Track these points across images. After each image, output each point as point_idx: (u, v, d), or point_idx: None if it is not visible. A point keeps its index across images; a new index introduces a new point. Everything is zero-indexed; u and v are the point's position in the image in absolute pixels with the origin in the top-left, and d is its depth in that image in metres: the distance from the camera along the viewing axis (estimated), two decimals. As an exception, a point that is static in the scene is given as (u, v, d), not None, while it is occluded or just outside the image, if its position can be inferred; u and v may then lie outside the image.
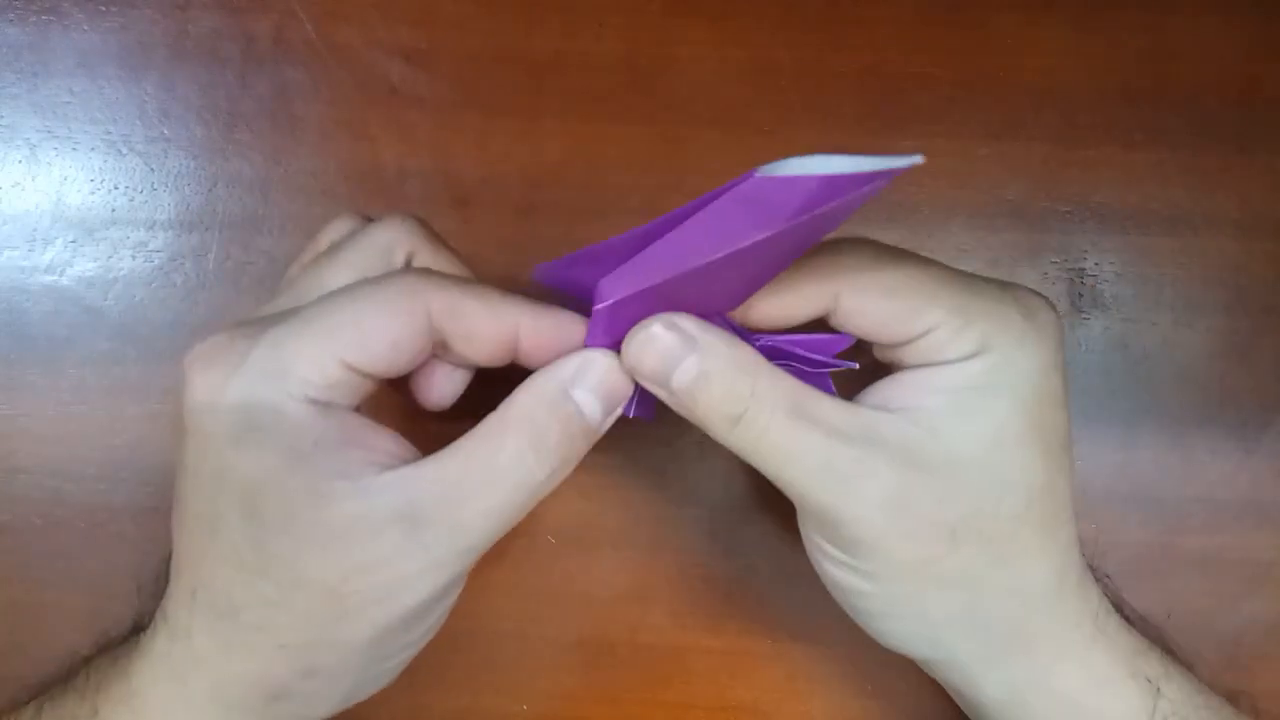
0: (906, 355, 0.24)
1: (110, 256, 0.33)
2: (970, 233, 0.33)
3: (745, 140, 0.33)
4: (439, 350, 0.24)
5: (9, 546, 0.31)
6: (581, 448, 0.23)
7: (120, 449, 0.32)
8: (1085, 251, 0.33)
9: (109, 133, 0.33)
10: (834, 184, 0.18)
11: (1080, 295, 0.33)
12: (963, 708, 0.27)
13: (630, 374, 0.23)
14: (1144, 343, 0.32)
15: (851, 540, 0.23)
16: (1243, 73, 0.33)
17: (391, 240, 0.25)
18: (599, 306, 0.22)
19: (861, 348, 0.25)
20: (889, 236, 0.33)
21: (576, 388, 0.23)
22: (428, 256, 0.25)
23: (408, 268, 0.24)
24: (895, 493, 0.22)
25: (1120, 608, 0.26)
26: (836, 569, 0.24)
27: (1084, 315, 0.32)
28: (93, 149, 0.33)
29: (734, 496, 0.31)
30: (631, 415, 0.25)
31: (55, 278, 0.33)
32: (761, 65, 0.33)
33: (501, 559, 0.31)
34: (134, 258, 0.33)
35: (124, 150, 0.33)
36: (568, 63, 0.33)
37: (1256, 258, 0.32)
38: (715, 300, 0.23)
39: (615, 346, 0.23)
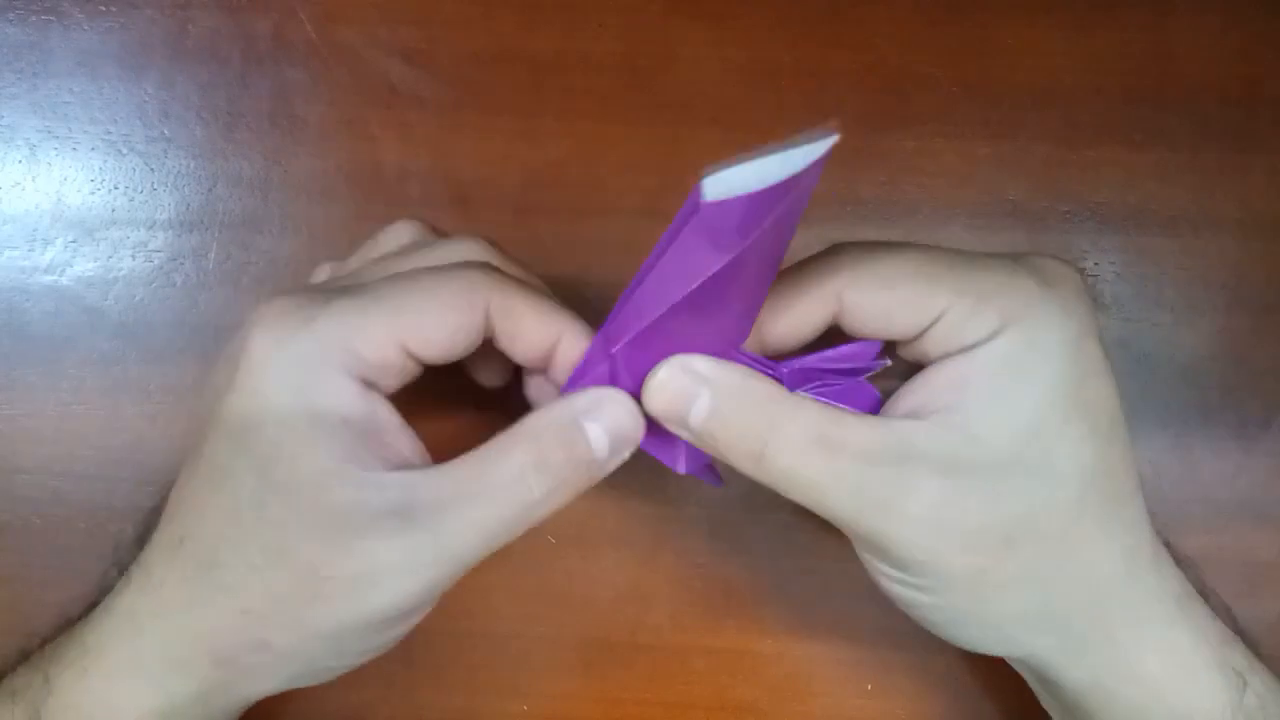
0: (928, 347, 0.23)
1: (110, 256, 0.33)
2: (970, 233, 0.33)
3: (745, 140, 0.32)
4: (491, 339, 0.25)
5: (9, 546, 0.31)
6: (583, 478, 0.23)
7: (120, 449, 0.32)
8: (1085, 251, 0.33)
9: (109, 133, 0.33)
10: (766, 197, 0.18)
11: (1080, 295, 0.33)
12: (1044, 702, 0.27)
13: (655, 417, 0.23)
14: (1144, 343, 0.32)
15: (903, 560, 0.22)
16: (1243, 73, 0.33)
17: (466, 253, 0.25)
18: (609, 350, 0.22)
19: (890, 350, 0.25)
20: (889, 236, 0.32)
21: (588, 419, 0.23)
22: (495, 261, 0.26)
23: (473, 263, 0.24)
24: (940, 507, 0.22)
25: (1206, 596, 0.25)
26: (895, 586, 0.24)
27: (1084, 315, 0.32)
28: (93, 149, 0.33)
29: (734, 496, 0.31)
30: (687, 471, 0.25)
31: (55, 278, 0.33)
32: (761, 65, 0.33)
33: (502, 559, 0.31)
34: (134, 258, 0.33)
35: (124, 150, 0.33)
36: (568, 63, 0.33)
37: (1256, 258, 0.32)
38: (727, 333, 0.23)
39: (637, 391, 0.23)
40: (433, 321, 0.23)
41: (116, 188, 0.33)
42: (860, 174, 0.33)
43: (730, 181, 0.17)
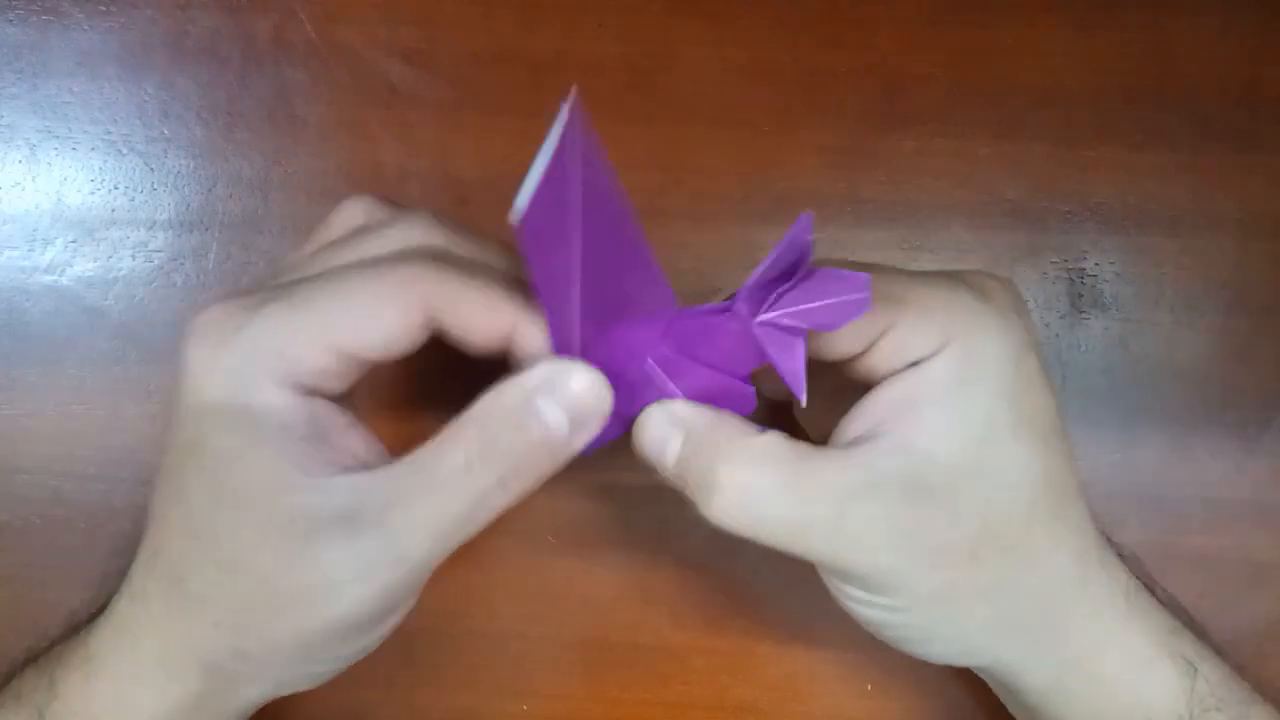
0: (874, 363, 0.23)
1: (110, 256, 0.33)
2: (970, 233, 0.33)
3: (745, 140, 0.33)
4: (440, 334, 0.24)
5: (9, 546, 0.31)
6: (542, 460, 0.22)
7: (120, 449, 0.32)
8: (1085, 251, 0.33)
9: (109, 133, 0.33)
10: (552, 180, 0.19)
11: (1080, 295, 0.33)
12: (1008, 705, 0.27)
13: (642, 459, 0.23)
14: (1144, 343, 0.32)
15: (876, 585, 0.23)
16: (1243, 73, 0.33)
17: (410, 238, 0.24)
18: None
19: (838, 370, 0.24)
20: (889, 237, 0.33)
21: (542, 396, 0.22)
22: (443, 245, 0.25)
23: (412, 254, 0.23)
24: (907, 529, 0.22)
25: (1152, 590, 0.25)
26: (865, 609, 0.24)
27: (1084, 315, 0.32)
28: (93, 149, 0.33)
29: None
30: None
31: (55, 278, 0.33)
32: (761, 65, 0.33)
33: (502, 559, 0.31)
34: (134, 258, 0.33)
35: (124, 150, 0.33)
36: (568, 63, 0.33)
37: (1256, 258, 0.32)
38: (648, 289, 0.23)
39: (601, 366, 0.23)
40: (367, 323, 0.22)
41: (116, 188, 0.33)
42: (860, 174, 0.33)
43: (523, 194, 0.18)
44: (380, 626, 0.23)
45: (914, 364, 0.23)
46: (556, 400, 0.21)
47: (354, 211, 0.26)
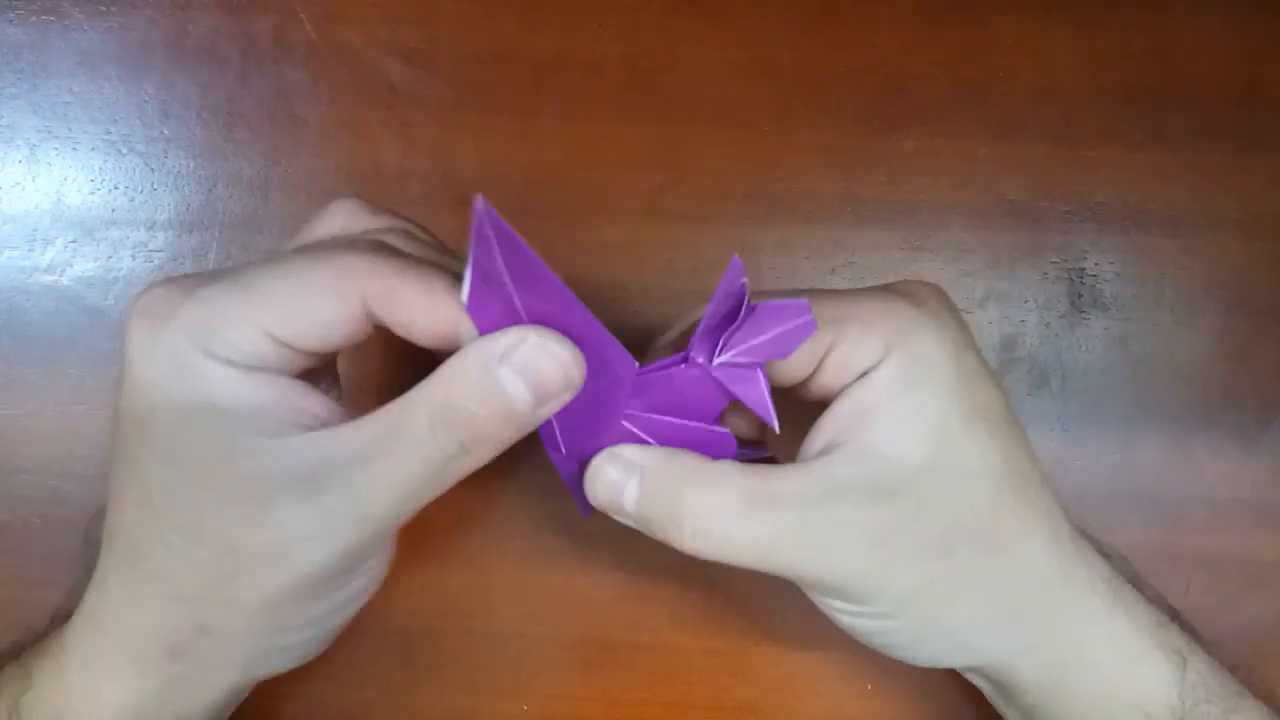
0: (825, 380, 0.24)
1: (110, 256, 0.33)
2: (970, 233, 0.33)
3: (745, 140, 0.33)
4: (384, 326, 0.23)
5: (9, 546, 0.31)
6: (502, 429, 0.21)
7: (120, 449, 0.32)
8: (1085, 251, 0.33)
9: (109, 133, 0.33)
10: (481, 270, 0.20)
11: (1080, 295, 0.33)
12: (1004, 711, 0.27)
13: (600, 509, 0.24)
14: (1144, 343, 0.32)
15: (856, 593, 0.23)
16: (1243, 73, 0.33)
17: (354, 231, 0.24)
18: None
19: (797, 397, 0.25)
20: (889, 237, 0.33)
21: (505, 366, 0.21)
22: (370, 226, 0.25)
23: (351, 244, 0.23)
24: (876, 532, 0.22)
25: (1140, 587, 0.26)
26: (853, 620, 0.24)
27: (1084, 315, 0.32)
28: (93, 149, 0.33)
29: (734, 496, 0.31)
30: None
31: (55, 278, 0.33)
32: (761, 65, 0.33)
33: (501, 559, 0.31)
34: (134, 258, 0.33)
35: (124, 150, 0.33)
36: (568, 63, 0.33)
37: (1256, 258, 0.32)
38: (604, 357, 0.23)
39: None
40: (299, 311, 0.21)
41: (116, 188, 0.33)
42: (860, 174, 0.33)
43: (465, 282, 0.20)
44: (344, 589, 0.23)
45: (862, 375, 0.23)
46: (519, 371, 0.21)
47: (336, 214, 0.25)
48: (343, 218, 0.25)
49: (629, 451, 0.24)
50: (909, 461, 0.23)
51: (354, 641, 0.30)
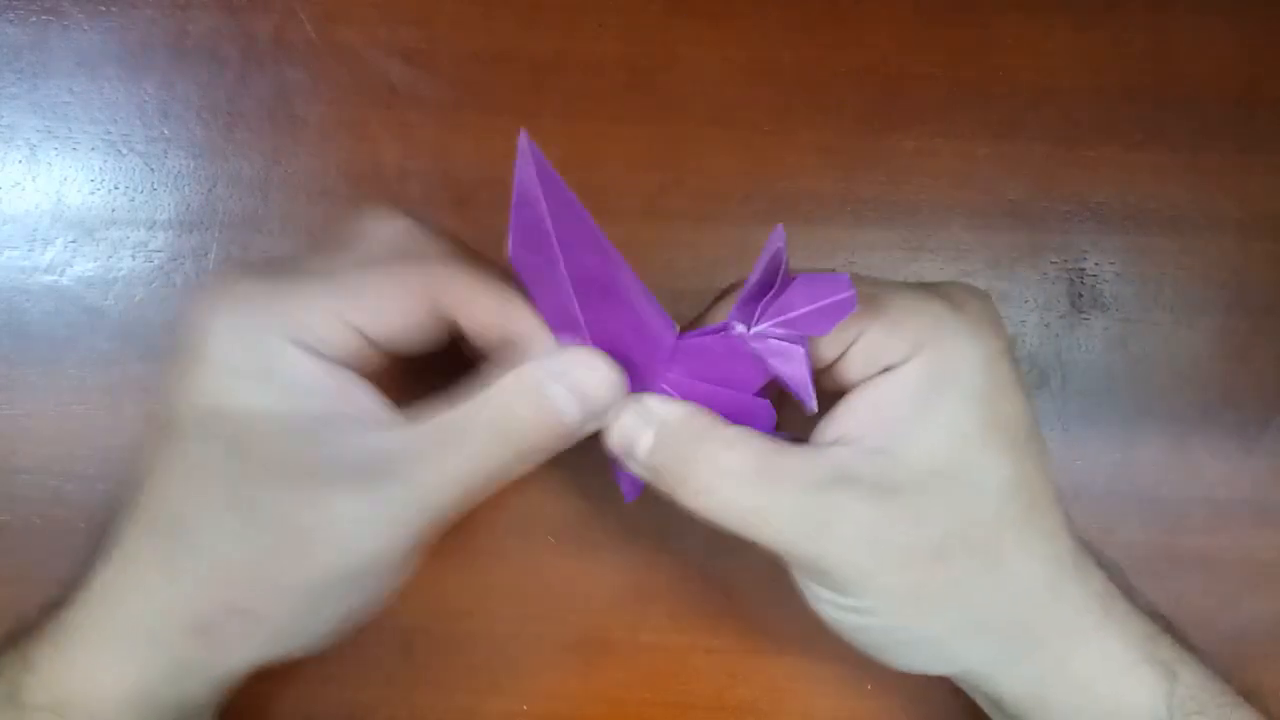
0: (847, 371, 0.24)
1: (110, 256, 0.33)
2: (970, 233, 0.33)
3: (745, 140, 0.33)
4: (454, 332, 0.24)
5: (9, 546, 0.31)
6: (552, 441, 0.23)
7: (120, 449, 0.32)
8: (1085, 251, 0.33)
9: (109, 133, 0.33)
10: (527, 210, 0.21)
11: (1080, 295, 0.33)
12: (989, 711, 0.27)
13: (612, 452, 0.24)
14: (1144, 343, 0.32)
15: (843, 582, 0.23)
16: (1243, 73, 0.33)
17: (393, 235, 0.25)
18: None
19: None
20: (889, 237, 0.33)
21: (557, 382, 0.23)
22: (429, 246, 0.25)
23: (426, 252, 0.24)
24: (872, 528, 0.22)
25: (1132, 597, 0.26)
26: (836, 612, 0.24)
27: (1084, 315, 0.32)
28: (93, 149, 0.33)
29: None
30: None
31: (55, 278, 0.33)
32: (761, 65, 0.33)
33: (501, 559, 0.31)
34: (134, 258, 0.33)
35: (124, 150, 0.33)
36: (568, 63, 0.33)
37: (1256, 258, 0.32)
38: (645, 324, 0.23)
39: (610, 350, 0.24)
40: (381, 302, 0.23)
41: (116, 188, 0.33)
42: (860, 174, 0.33)
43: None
44: (382, 582, 0.24)
45: (886, 370, 0.23)
46: (568, 386, 0.23)
47: (385, 224, 0.25)
48: (396, 232, 0.25)
49: (652, 401, 0.24)
50: (919, 465, 0.23)
51: (354, 641, 0.30)
